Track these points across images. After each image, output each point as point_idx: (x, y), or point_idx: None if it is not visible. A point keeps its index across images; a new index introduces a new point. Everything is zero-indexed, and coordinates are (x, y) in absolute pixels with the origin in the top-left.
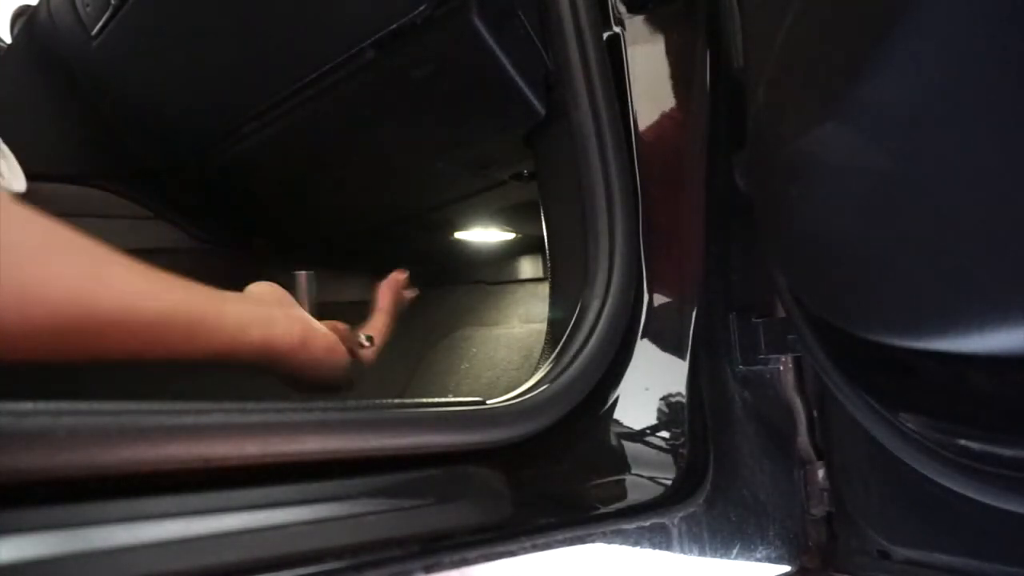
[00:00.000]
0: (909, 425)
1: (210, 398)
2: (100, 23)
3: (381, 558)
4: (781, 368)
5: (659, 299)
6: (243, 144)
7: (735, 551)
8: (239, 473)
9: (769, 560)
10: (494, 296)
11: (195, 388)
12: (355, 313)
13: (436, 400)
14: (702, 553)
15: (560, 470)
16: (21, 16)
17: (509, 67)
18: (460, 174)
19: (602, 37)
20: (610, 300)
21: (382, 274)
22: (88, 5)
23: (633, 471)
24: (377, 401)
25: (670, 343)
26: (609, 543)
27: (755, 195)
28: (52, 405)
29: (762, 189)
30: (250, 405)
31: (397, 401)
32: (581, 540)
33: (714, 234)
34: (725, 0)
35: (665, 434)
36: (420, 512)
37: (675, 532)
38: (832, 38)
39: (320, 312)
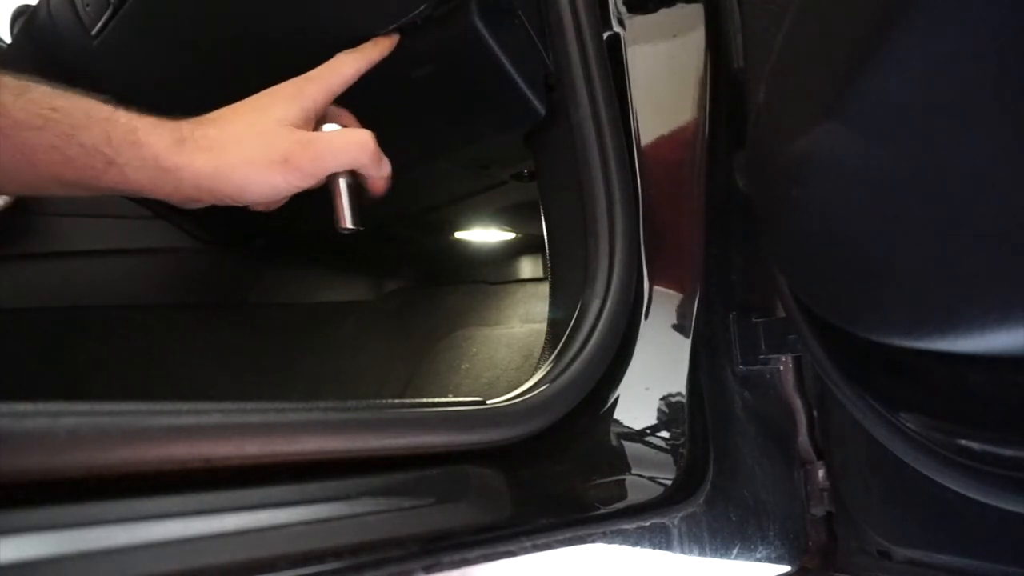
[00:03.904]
0: (909, 425)
1: (210, 398)
2: (100, 23)
3: (381, 558)
4: (781, 368)
5: (659, 299)
6: None
7: (735, 551)
8: (239, 473)
9: (769, 560)
10: (494, 296)
11: (196, 388)
12: (356, 312)
13: (436, 400)
14: (702, 553)
15: (560, 470)
16: (21, 16)
17: (509, 67)
18: (460, 174)
19: (602, 37)
20: (610, 300)
21: (382, 274)
22: (88, 5)
23: (633, 471)
24: (377, 401)
25: (670, 343)
26: (609, 543)
27: (755, 195)
28: (52, 405)
29: (762, 189)
30: (250, 405)
31: (397, 401)
32: (581, 540)
33: (714, 234)
34: (725, 0)
35: (665, 434)
36: (420, 512)
37: (675, 532)
38: (832, 38)
39: (320, 313)
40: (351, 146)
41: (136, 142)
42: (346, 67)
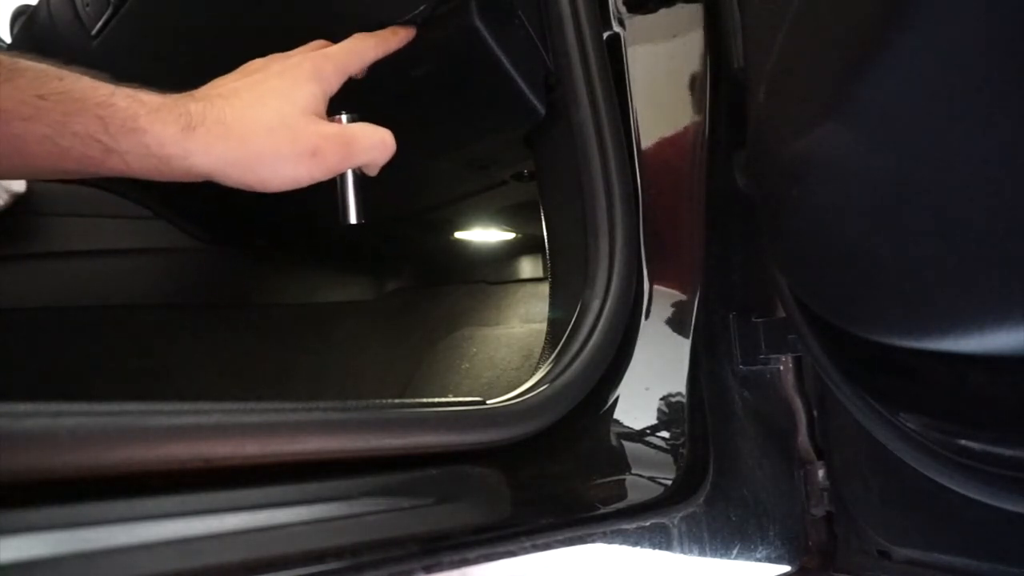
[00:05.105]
0: (909, 425)
1: (210, 398)
2: (100, 23)
3: (381, 558)
4: (781, 368)
5: (659, 299)
6: None
7: (735, 551)
8: (239, 473)
9: (769, 560)
10: (494, 296)
11: (196, 388)
12: (356, 312)
13: (436, 400)
14: (702, 553)
15: (560, 470)
16: (21, 16)
17: (509, 67)
18: (460, 174)
19: (602, 37)
20: (610, 300)
21: (382, 274)
22: (88, 5)
23: (633, 471)
24: (377, 401)
25: (670, 343)
26: (609, 543)
27: (755, 195)
28: (52, 405)
29: (762, 189)
30: (250, 405)
31: (397, 401)
32: (581, 540)
33: (714, 234)
34: (725, 0)
35: (665, 434)
36: (420, 512)
37: (675, 532)
38: (832, 38)
39: (320, 313)
40: (376, 144)
41: (137, 128)
42: (366, 50)
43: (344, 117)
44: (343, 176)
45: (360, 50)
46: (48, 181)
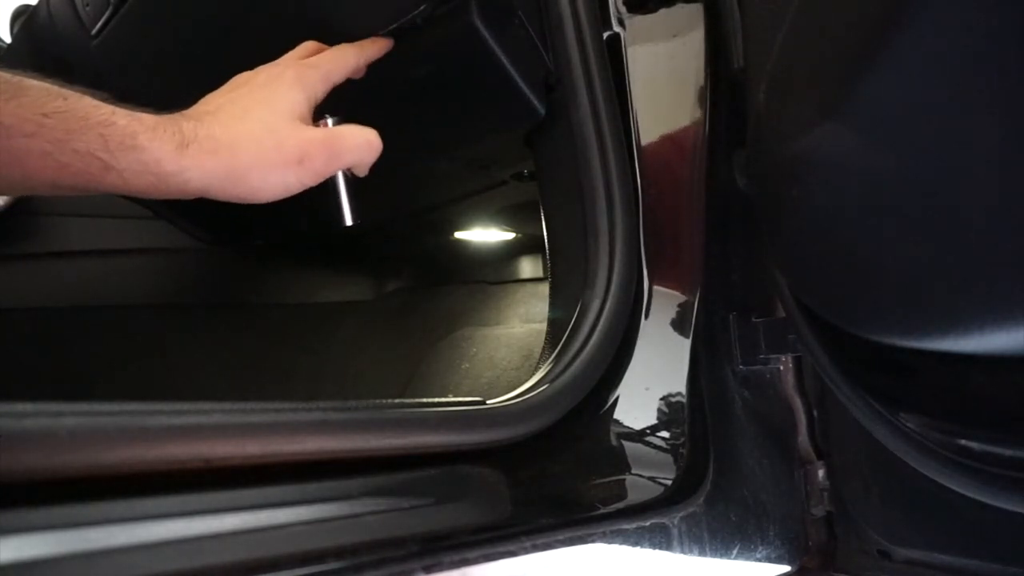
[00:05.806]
0: (909, 425)
1: (210, 398)
2: (100, 23)
3: (381, 558)
4: (781, 368)
5: (659, 299)
6: None
7: (735, 551)
8: (239, 473)
9: (769, 560)
10: (494, 296)
11: (196, 388)
12: (356, 312)
13: (436, 400)
14: (702, 553)
15: (560, 470)
16: (21, 16)
17: (509, 67)
18: (460, 174)
19: (602, 37)
20: (610, 300)
21: (382, 274)
22: (88, 5)
23: (633, 471)
24: (377, 401)
25: (670, 343)
26: (609, 543)
27: (755, 195)
28: (52, 405)
29: (762, 189)
30: (250, 405)
31: (397, 401)
32: (581, 540)
33: (714, 234)
34: (725, 0)
35: (665, 434)
36: (420, 512)
37: (675, 532)
38: (832, 38)
39: (320, 313)
40: (362, 145)
41: (136, 146)
42: (348, 58)
43: (329, 120)
44: (333, 178)
45: (340, 57)
46: None
